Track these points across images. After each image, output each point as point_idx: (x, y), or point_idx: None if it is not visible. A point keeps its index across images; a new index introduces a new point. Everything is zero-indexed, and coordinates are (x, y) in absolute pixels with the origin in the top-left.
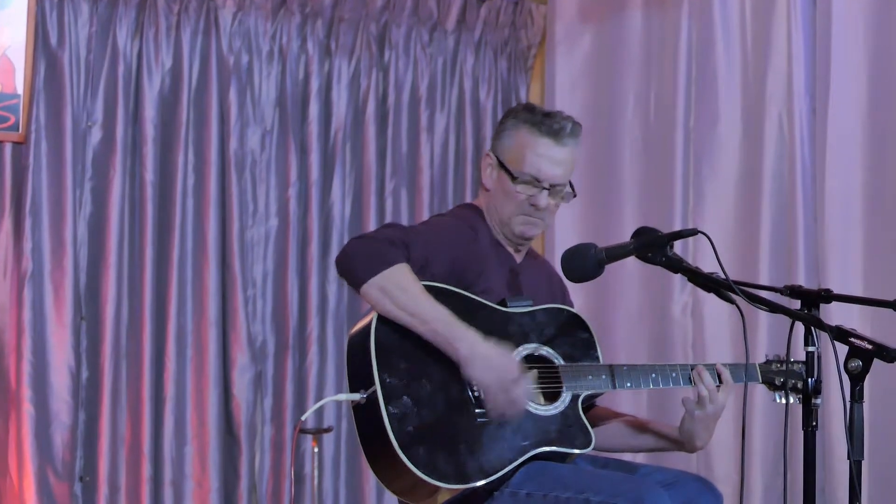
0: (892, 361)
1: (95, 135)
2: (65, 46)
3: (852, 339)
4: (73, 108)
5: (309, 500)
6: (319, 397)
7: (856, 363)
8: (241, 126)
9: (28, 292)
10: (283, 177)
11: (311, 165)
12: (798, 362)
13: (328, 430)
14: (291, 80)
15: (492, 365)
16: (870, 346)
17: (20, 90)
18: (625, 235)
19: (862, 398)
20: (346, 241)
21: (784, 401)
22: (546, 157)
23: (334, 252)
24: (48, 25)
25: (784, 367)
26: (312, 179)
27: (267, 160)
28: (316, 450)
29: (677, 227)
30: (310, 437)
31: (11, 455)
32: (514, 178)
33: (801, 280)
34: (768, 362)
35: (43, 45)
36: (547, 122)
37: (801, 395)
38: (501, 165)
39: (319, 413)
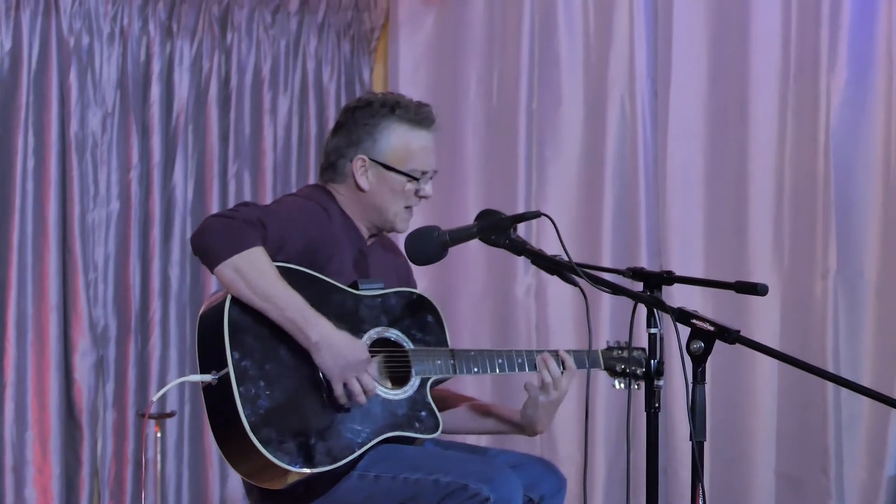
0: (733, 343)
1: None
2: None
3: (694, 321)
4: None
5: (151, 486)
6: (162, 381)
7: (698, 344)
8: (81, 108)
9: None
10: (125, 159)
11: (152, 148)
12: (639, 348)
13: (171, 414)
14: (133, 61)
15: (339, 353)
16: (711, 328)
17: None
18: (468, 218)
19: (704, 379)
20: (188, 224)
21: (624, 387)
22: (428, 148)
23: (176, 235)
24: None
25: (625, 354)
26: (154, 162)
27: (108, 142)
28: (159, 435)
29: (520, 209)
30: (152, 421)
31: None
32: (408, 178)
33: (644, 262)
34: (610, 348)
35: None
36: (419, 114)
37: (641, 382)
38: (383, 166)
39: (162, 398)
